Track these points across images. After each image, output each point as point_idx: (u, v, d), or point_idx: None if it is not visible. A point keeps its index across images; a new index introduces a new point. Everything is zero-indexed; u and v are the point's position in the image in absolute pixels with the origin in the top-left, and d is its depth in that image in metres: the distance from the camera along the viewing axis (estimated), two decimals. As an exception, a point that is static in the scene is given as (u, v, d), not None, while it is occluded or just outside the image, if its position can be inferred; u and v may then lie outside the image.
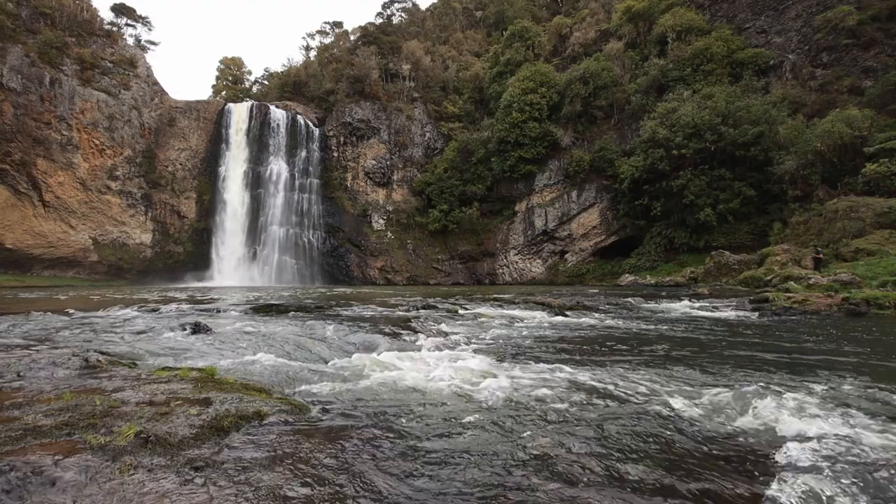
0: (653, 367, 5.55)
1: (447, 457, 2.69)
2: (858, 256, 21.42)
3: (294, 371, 5.08)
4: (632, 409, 3.71)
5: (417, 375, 4.91)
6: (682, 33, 45.37)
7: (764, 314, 11.95)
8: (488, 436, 3.06)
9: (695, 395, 4.18)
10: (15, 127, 42.90)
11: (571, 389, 4.36)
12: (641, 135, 40.90)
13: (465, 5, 77.57)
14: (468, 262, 52.78)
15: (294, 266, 52.43)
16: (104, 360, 4.55)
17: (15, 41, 43.73)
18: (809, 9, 39.32)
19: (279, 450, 2.59)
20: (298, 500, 2.09)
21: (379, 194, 55.70)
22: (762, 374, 5.12)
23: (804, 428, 3.19)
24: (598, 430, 3.19)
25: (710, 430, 3.28)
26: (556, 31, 59.70)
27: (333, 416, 3.37)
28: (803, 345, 7.32)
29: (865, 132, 29.20)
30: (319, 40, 79.17)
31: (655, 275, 36.26)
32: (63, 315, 10.17)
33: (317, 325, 8.59)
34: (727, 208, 35.41)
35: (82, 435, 2.45)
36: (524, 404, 3.85)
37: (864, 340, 7.65)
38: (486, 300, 16.56)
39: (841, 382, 4.65)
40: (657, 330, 9.39)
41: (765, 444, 3.04)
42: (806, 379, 4.86)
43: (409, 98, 58.60)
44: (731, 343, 7.57)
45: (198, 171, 53.69)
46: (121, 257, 49.48)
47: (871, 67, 34.95)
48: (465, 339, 7.98)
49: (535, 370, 5.32)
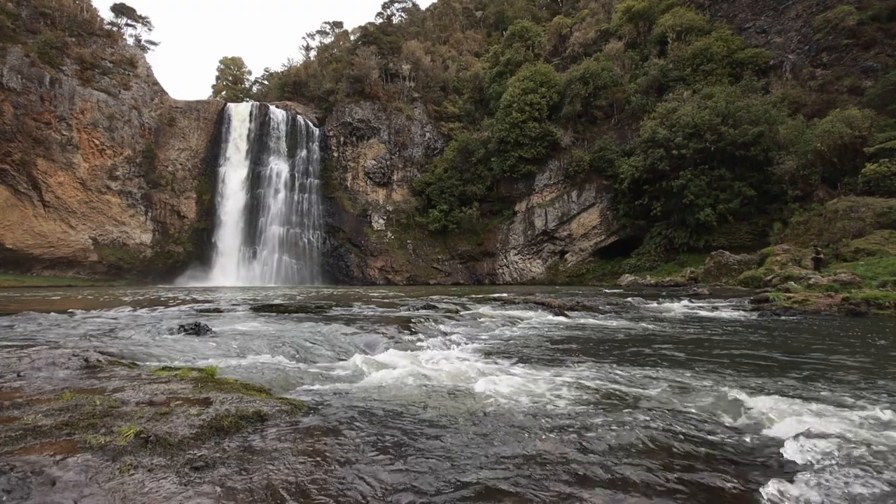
0: (653, 367, 5.55)
1: (447, 456, 2.69)
2: (858, 256, 21.42)
3: (294, 371, 5.09)
4: (631, 409, 3.71)
5: (417, 375, 4.91)
6: (682, 33, 45.39)
7: (764, 314, 11.95)
8: (488, 436, 3.06)
9: (694, 395, 4.18)
10: (15, 127, 42.92)
11: (571, 389, 4.36)
12: (641, 135, 40.92)
13: (465, 5, 77.58)
14: (468, 262, 52.79)
15: (294, 266, 52.46)
16: (104, 360, 4.55)
17: (15, 41, 43.74)
18: (809, 9, 39.34)
19: (279, 450, 2.59)
20: (298, 499, 2.09)
21: (379, 194, 55.72)
22: (762, 374, 5.12)
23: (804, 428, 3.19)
24: (598, 429, 3.19)
25: (709, 430, 3.28)
26: (556, 31, 59.75)
27: (333, 416, 3.37)
28: (803, 345, 7.32)
29: (865, 132, 29.21)
30: (319, 40, 79.32)
31: (655, 275, 36.26)
32: (63, 315, 10.17)
33: (317, 326, 8.59)
34: (727, 208, 35.43)
35: (82, 435, 2.45)
36: (524, 404, 3.85)
37: (864, 340, 7.65)
38: (485, 300, 16.56)
39: (841, 382, 4.65)
40: (657, 330, 9.39)
41: (764, 443, 3.04)
42: (806, 379, 4.86)
43: (409, 98, 58.62)
44: (730, 343, 7.57)
45: (198, 171, 53.70)
46: (121, 257, 49.49)
47: (871, 67, 34.97)
48: (465, 339, 7.99)
49: (535, 370, 5.32)
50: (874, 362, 5.80)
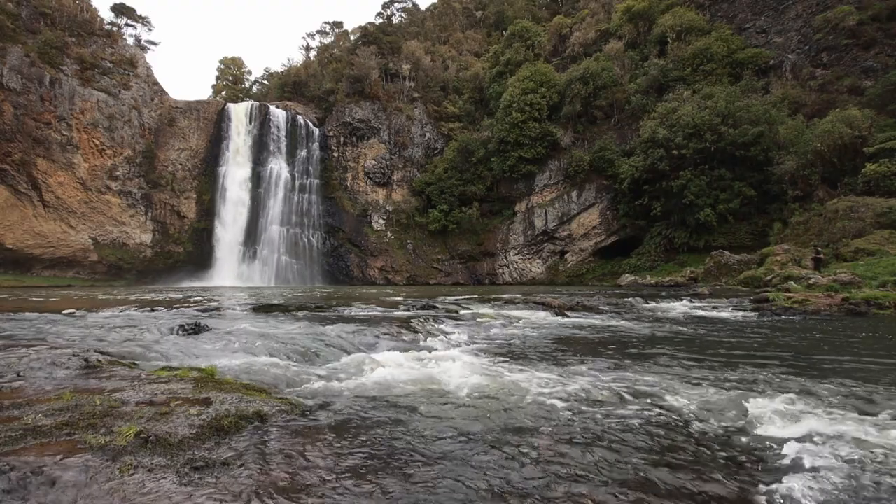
0: (653, 368, 5.55)
1: (446, 456, 2.69)
2: (858, 256, 21.42)
3: (294, 371, 5.08)
4: (631, 409, 3.71)
5: (417, 375, 4.91)
6: (682, 33, 45.38)
7: (764, 314, 11.95)
8: (487, 436, 3.06)
9: (694, 396, 4.18)
10: (15, 127, 42.91)
11: (571, 389, 4.36)
12: (641, 135, 40.90)
13: (465, 5, 77.57)
14: (468, 262, 52.78)
15: (294, 266, 52.45)
16: (104, 360, 4.55)
17: (15, 41, 43.72)
18: (809, 9, 39.33)
19: (279, 450, 2.59)
20: (298, 499, 2.09)
21: (379, 194, 55.71)
22: (762, 374, 5.12)
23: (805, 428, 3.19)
24: (598, 429, 3.19)
25: (709, 430, 3.28)
26: (556, 31, 59.73)
27: (333, 415, 3.37)
28: (803, 345, 7.32)
29: (865, 132, 29.20)
30: (319, 40, 79.30)
31: (655, 275, 36.26)
32: (63, 315, 10.17)
33: (317, 325, 8.59)
34: (727, 208, 35.42)
35: (82, 435, 2.45)
36: (524, 404, 3.85)
37: (864, 340, 7.65)
38: (486, 300, 16.56)
39: (841, 382, 4.65)
40: (657, 330, 9.39)
41: (766, 444, 3.03)
42: (806, 379, 4.85)
43: (409, 98, 58.61)
44: (730, 343, 7.57)
45: (198, 171, 53.69)
46: (121, 257, 49.48)
47: (871, 67, 34.96)
48: (465, 339, 7.99)
49: (535, 370, 5.32)
50: (875, 362, 5.79)
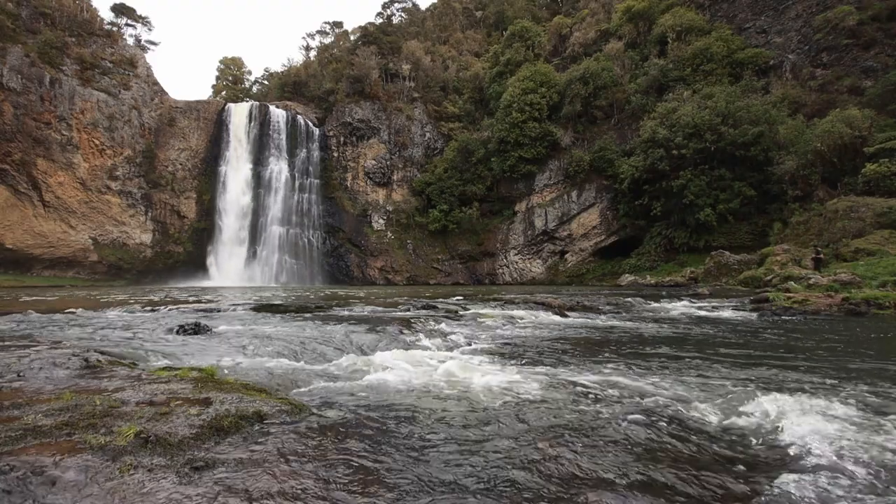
0: (653, 368, 5.55)
1: (446, 456, 2.69)
2: (858, 256, 21.43)
3: (294, 371, 5.08)
4: (632, 410, 3.71)
5: (417, 376, 4.91)
6: (682, 33, 45.39)
7: (764, 314, 11.95)
8: (487, 436, 3.06)
9: (694, 396, 4.18)
10: (15, 127, 42.91)
11: (571, 390, 4.36)
12: (641, 135, 40.92)
13: (465, 5, 77.57)
14: (468, 262, 52.78)
15: (294, 266, 52.46)
16: (104, 360, 4.55)
17: (15, 41, 43.72)
18: (809, 9, 39.34)
19: (279, 450, 2.59)
20: (298, 499, 2.09)
21: (379, 194, 55.71)
22: (762, 375, 5.12)
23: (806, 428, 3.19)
24: (598, 429, 3.19)
25: (710, 431, 3.28)
26: (556, 31, 59.73)
27: (333, 415, 3.36)
28: (803, 345, 7.32)
29: (865, 132, 29.21)
30: (319, 40, 79.26)
31: (655, 275, 36.26)
32: (63, 315, 10.17)
33: (317, 325, 8.59)
34: (727, 208, 35.42)
35: (82, 435, 2.45)
36: (524, 405, 3.85)
37: (864, 340, 7.65)
38: (486, 300, 16.56)
39: (841, 382, 4.65)
40: (657, 330, 9.39)
41: (765, 444, 3.03)
42: (806, 379, 4.85)
43: (409, 98, 58.61)
44: (730, 343, 7.57)
45: (198, 171, 53.69)
46: (121, 257, 49.48)
47: (871, 67, 34.97)
48: (465, 339, 7.98)
49: (535, 371, 5.32)
50: (875, 362, 5.79)
